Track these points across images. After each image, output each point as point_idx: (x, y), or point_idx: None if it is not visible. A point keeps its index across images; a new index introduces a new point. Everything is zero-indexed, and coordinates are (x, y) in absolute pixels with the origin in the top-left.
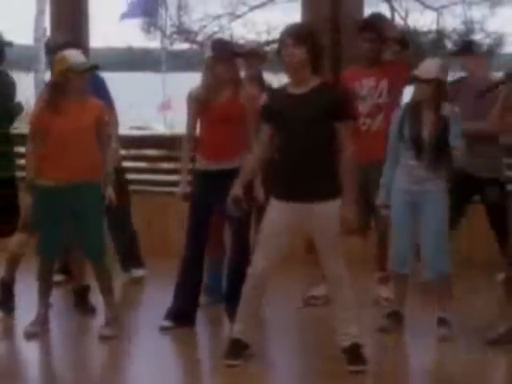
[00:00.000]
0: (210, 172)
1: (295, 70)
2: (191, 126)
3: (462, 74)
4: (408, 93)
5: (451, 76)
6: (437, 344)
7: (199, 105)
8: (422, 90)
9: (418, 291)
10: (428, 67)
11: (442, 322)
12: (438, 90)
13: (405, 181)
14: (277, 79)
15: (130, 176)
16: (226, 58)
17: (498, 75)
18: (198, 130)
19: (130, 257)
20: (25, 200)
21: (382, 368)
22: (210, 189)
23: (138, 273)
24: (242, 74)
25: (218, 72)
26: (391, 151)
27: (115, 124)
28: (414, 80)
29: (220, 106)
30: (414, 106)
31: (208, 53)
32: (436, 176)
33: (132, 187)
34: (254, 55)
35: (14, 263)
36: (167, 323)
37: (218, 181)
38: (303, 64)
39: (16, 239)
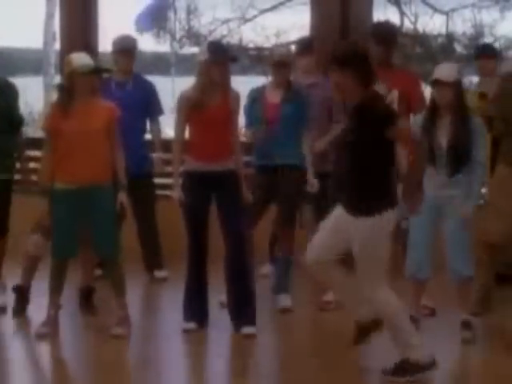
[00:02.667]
0: (200, 173)
1: (344, 92)
2: (182, 128)
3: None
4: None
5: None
6: (460, 347)
7: (191, 107)
8: (445, 93)
9: (440, 294)
10: (448, 70)
11: (465, 325)
12: (458, 92)
13: (426, 186)
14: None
15: None
16: (221, 61)
17: None
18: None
19: (154, 258)
20: (40, 203)
21: None
22: (202, 189)
23: (161, 274)
24: (268, 80)
25: (212, 75)
26: None
27: (158, 131)
28: (434, 84)
29: (212, 109)
30: (434, 111)
31: (203, 55)
32: (457, 180)
33: None
34: (284, 64)
35: (31, 268)
36: (189, 325)
37: (209, 182)
38: (350, 87)
39: (31, 242)
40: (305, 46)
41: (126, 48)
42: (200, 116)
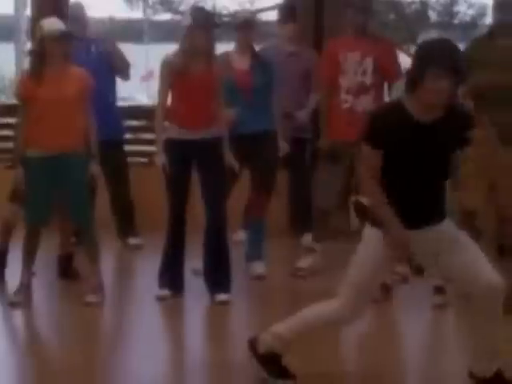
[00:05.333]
0: (183, 141)
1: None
2: (164, 93)
3: None
4: None
5: None
6: (432, 312)
7: (174, 73)
8: None
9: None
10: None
11: (438, 290)
12: None
13: None
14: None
15: None
16: (204, 27)
17: None
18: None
19: (127, 225)
20: (16, 171)
21: (374, 339)
22: (185, 157)
23: (135, 241)
24: (233, 45)
25: (195, 41)
26: None
27: None
28: None
29: (195, 76)
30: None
31: (187, 21)
32: None
33: None
34: (248, 26)
35: (6, 233)
36: (164, 292)
37: (192, 149)
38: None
39: (8, 209)
40: (287, 12)
41: (73, 15)
42: (182, 82)
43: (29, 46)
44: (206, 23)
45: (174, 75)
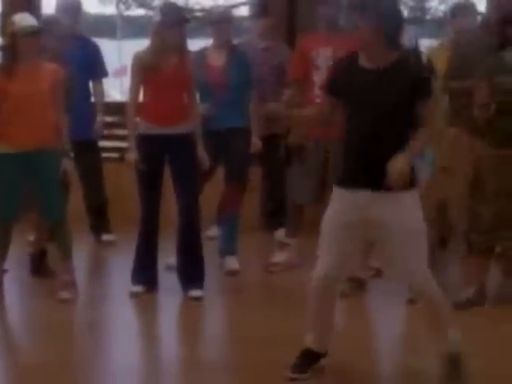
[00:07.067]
0: (155, 136)
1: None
2: (136, 90)
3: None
4: None
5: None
6: (406, 307)
7: (145, 69)
8: None
9: None
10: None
11: None
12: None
13: None
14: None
15: None
16: (175, 23)
17: None
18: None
19: (100, 221)
20: None
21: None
22: (157, 153)
23: (108, 237)
24: (211, 41)
25: (166, 37)
26: None
27: (101, 93)
28: None
29: (167, 72)
30: None
31: (157, 17)
32: None
33: None
34: (225, 21)
35: None
36: (137, 288)
37: (164, 145)
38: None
39: None
40: (260, 8)
41: (69, 10)
42: (154, 78)
43: (0, 41)
44: (176, 19)
45: (145, 71)
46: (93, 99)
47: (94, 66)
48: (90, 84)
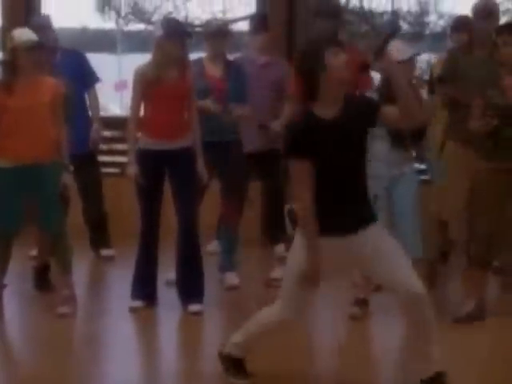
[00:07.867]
0: (155, 151)
1: None
2: (137, 104)
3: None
4: None
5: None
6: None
7: (147, 83)
8: (404, 72)
9: None
10: (402, 48)
11: (358, 301)
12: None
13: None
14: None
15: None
16: (176, 36)
17: None
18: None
19: (100, 236)
20: None
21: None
22: (157, 168)
23: (108, 252)
24: (204, 53)
25: (167, 51)
26: None
27: (95, 99)
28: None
29: (168, 85)
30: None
31: (158, 31)
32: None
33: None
34: (221, 34)
35: None
36: (137, 303)
37: (165, 159)
38: None
39: None
40: (259, 23)
41: (40, 26)
42: (155, 92)
43: (0, 56)
44: (178, 32)
45: (146, 86)
46: (90, 112)
47: (84, 75)
48: (86, 96)
